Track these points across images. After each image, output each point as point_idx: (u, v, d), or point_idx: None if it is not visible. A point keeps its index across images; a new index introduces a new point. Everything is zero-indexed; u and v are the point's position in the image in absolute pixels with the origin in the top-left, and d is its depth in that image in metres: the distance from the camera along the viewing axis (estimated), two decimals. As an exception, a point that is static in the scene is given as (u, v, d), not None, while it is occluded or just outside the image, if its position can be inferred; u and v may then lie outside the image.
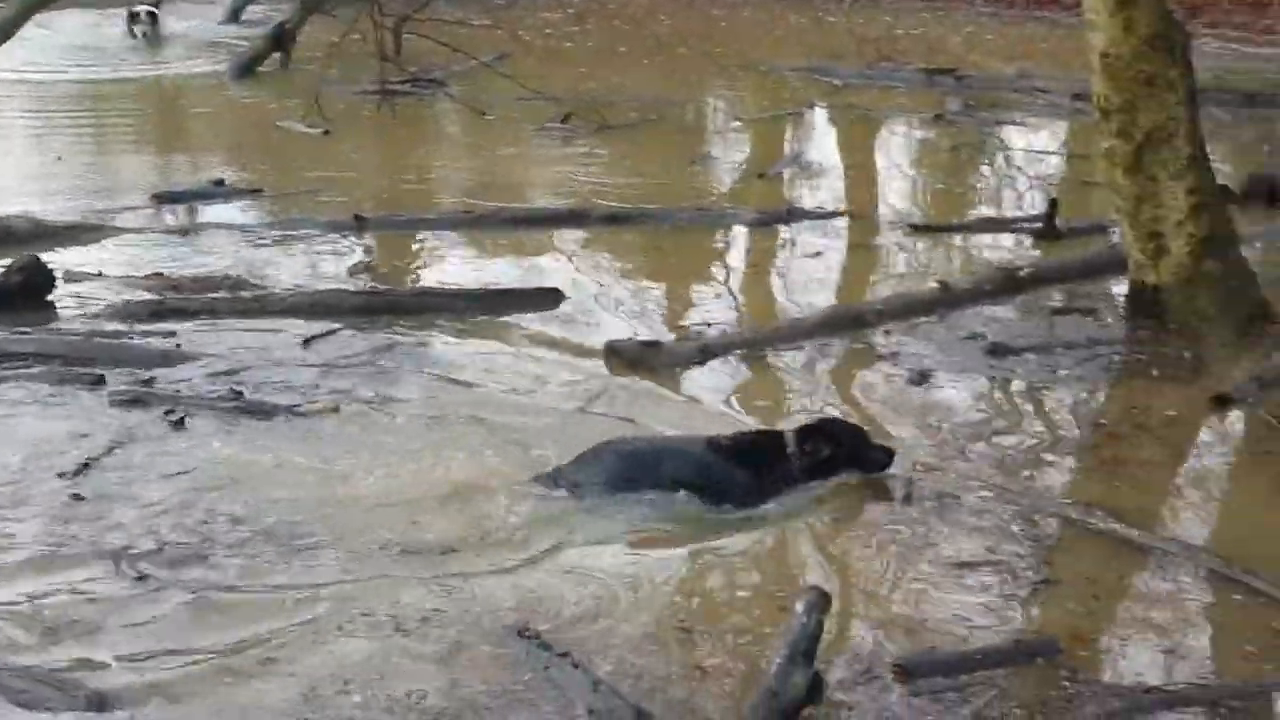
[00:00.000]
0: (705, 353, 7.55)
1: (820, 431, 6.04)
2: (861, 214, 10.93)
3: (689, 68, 16.65)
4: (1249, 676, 4.62)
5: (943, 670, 4.55)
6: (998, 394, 7.13)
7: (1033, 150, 12.97)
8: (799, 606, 4.34)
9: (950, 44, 17.28)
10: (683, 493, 5.78)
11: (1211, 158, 8.23)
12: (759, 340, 7.83)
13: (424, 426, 6.57)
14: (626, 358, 7.41)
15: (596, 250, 9.88)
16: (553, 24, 19.29)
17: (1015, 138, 13.40)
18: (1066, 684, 4.53)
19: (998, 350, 7.54)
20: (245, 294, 8.48)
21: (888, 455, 6.06)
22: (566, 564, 5.37)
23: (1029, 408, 6.99)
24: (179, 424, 6.49)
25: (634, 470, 5.86)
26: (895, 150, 13.47)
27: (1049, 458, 6.21)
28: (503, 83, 14.57)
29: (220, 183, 11.10)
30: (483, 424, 6.58)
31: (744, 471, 5.87)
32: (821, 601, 4.35)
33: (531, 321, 8.20)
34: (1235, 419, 6.83)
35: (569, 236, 10.14)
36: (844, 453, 5.98)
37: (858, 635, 4.86)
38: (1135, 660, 4.75)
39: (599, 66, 16.69)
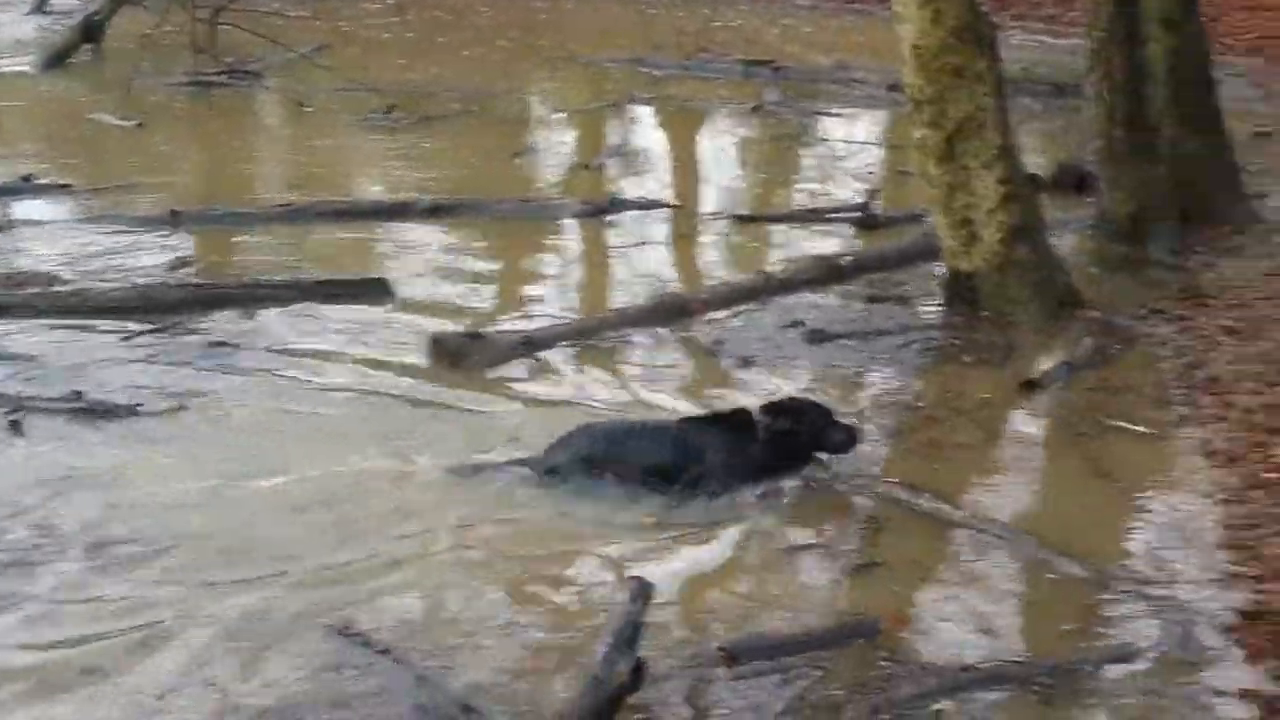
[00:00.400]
0: (529, 344, 7.53)
1: (783, 408, 6.03)
2: (685, 204, 11.02)
3: (511, 59, 16.59)
4: (1062, 654, 4.74)
5: (766, 653, 4.61)
6: (817, 380, 7.22)
7: (851, 141, 13.19)
8: (622, 594, 4.35)
9: (768, 36, 17.49)
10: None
11: (1022, 147, 8.48)
12: (583, 331, 7.84)
13: (259, 424, 6.51)
14: (450, 349, 7.37)
15: (421, 242, 9.79)
16: (372, 15, 19.03)
17: (834, 128, 13.62)
18: (886, 664, 4.62)
19: (817, 337, 7.67)
20: (64, 290, 8.23)
21: (850, 436, 6.04)
22: (394, 562, 5.32)
23: (848, 393, 7.10)
24: (15, 426, 6.33)
25: (606, 453, 5.89)
26: (717, 141, 13.58)
27: (868, 441, 6.29)
28: (322, 74, 14.36)
29: (28, 178, 10.73)
30: (315, 418, 6.56)
31: (717, 453, 5.87)
32: (644, 589, 4.38)
33: (359, 313, 8.12)
34: (1047, 402, 7.02)
35: (393, 229, 10.03)
36: (807, 431, 5.95)
37: (683, 621, 4.89)
38: (954, 640, 4.85)
39: (420, 58, 16.53)
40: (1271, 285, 8.22)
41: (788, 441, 5.95)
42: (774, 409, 6.04)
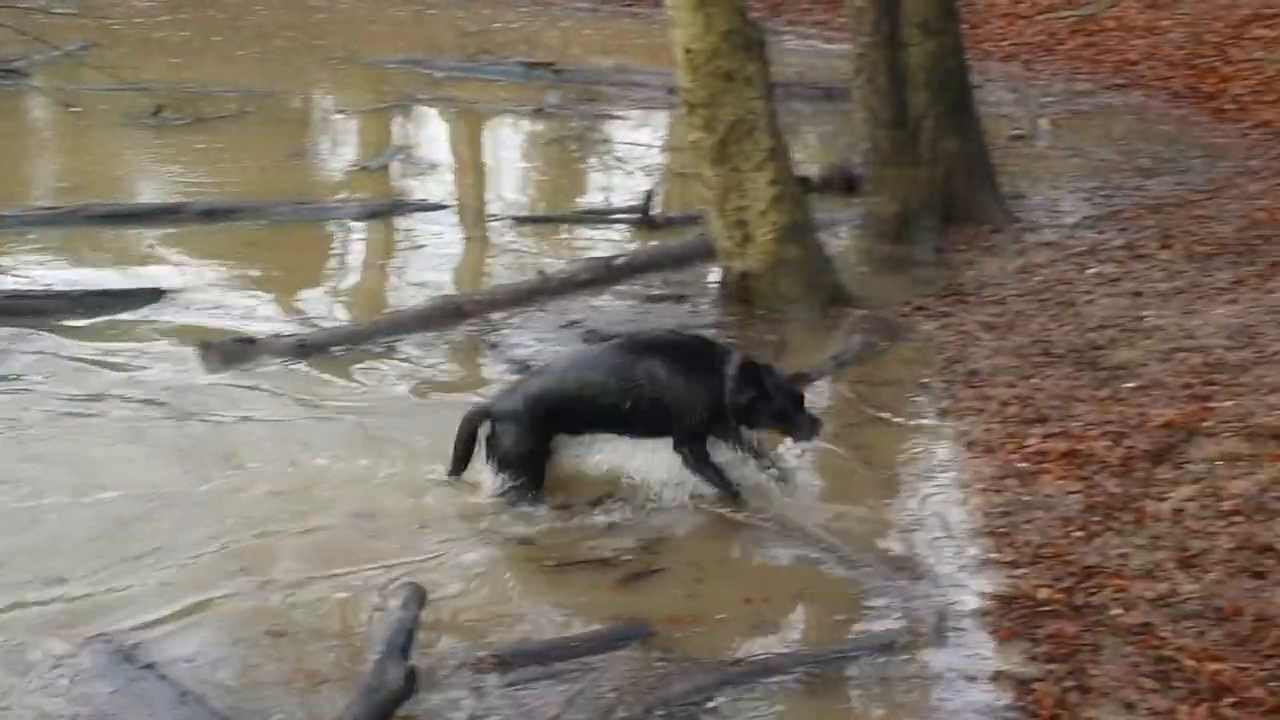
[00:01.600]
0: (304, 348, 7.42)
1: (753, 374, 5.80)
2: (466, 206, 11.00)
3: (288, 59, 16.32)
4: (830, 643, 4.88)
5: (537, 659, 4.63)
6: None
7: (631, 143, 13.33)
8: (394, 601, 4.33)
9: (548, 38, 17.58)
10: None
11: (793, 149, 8.69)
12: (359, 334, 7.76)
13: (32, 438, 6.32)
14: (221, 355, 7.22)
15: (195, 247, 9.55)
16: (142, 13, 18.51)
17: (614, 130, 13.75)
18: (659, 664, 4.67)
19: (594, 337, 7.72)
20: None
21: (814, 428, 5.88)
22: (159, 572, 5.20)
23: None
24: None
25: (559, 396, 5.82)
26: (499, 143, 13.61)
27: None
28: (91, 73, 13.87)
29: None
30: (89, 431, 6.42)
31: (693, 384, 5.77)
32: (417, 596, 4.36)
33: (131, 321, 7.93)
34: (817, 396, 7.20)
35: (166, 233, 9.77)
36: (770, 406, 5.78)
37: (458, 627, 4.88)
38: (731, 636, 4.93)
39: (194, 57, 16.15)
40: (1026, 282, 8.58)
41: (750, 409, 5.78)
42: (744, 366, 5.81)
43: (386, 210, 10.64)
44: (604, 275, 8.89)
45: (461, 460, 5.89)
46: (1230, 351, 6.61)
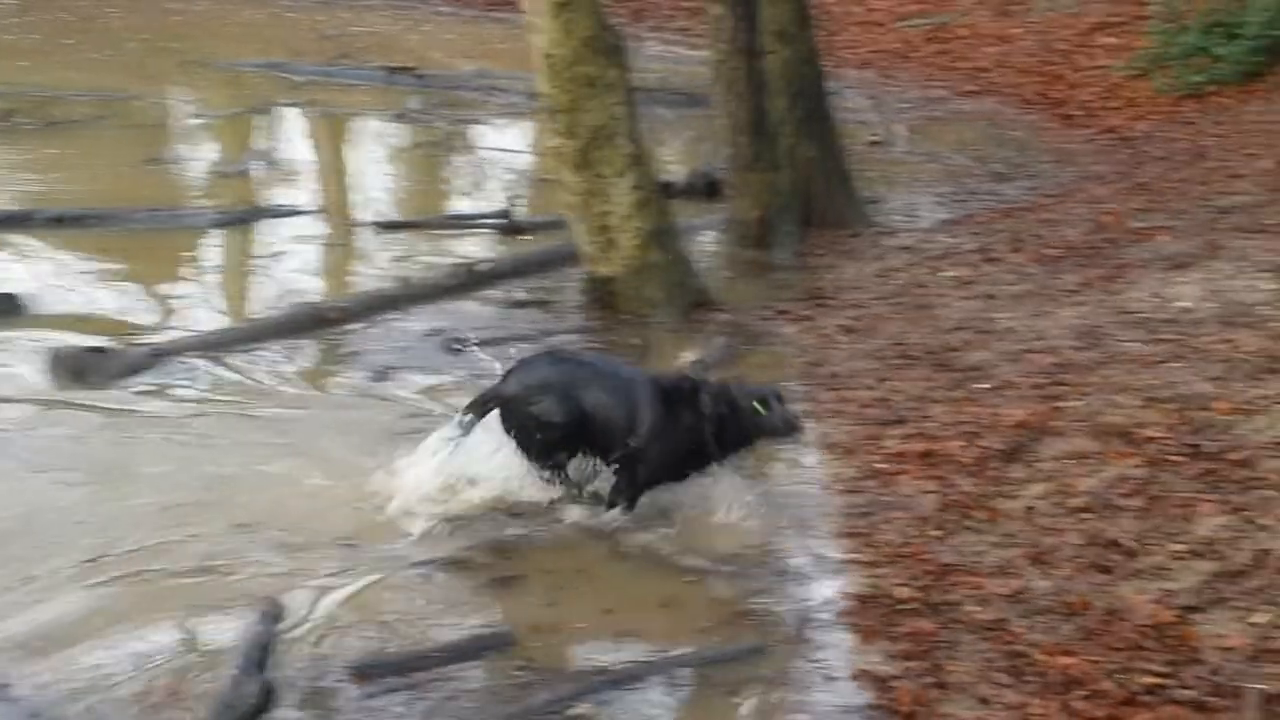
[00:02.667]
0: (158, 357, 7.28)
1: (721, 391, 5.72)
2: (327, 212, 10.88)
3: (143, 63, 15.94)
4: (694, 649, 4.88)
5: (397, 670, 4.60)
6: (456, 386, 7.21)
7: (495, 148, 13.29)
8: (252, 616, 4.27)
9: (409, 42, 17.42)
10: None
11: (657, 155, 8.74)
12: (216, 343, 7.63)
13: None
14: (72, 365, 7.04)
15: (47, 254, 9.32)
16: (-11, 14, 17.97)
17: (477, 136, 13.70)
18: (520, 673, 4.67)
19: (455, 343, 7.70)
20: None
21: (791, 424, 5.71)
22: (12, 592, 5.07)
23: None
24: None
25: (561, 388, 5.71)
26: (360, 148, 13.46)
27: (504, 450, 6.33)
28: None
29: None
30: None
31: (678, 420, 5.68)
32: (275, 610, 4.30)
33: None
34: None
35: (15, 240, 9.49)
36: (737, 421, 5.66)
37: (317, 640, 4.82)
38: (593, 645, 4.95)
39: (44, 60, 15.71)
40: (883, 286, 8.73)
41: (726, 425, 5.67)
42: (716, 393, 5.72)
43: (245, 216, 10.47)
44: (467, 281, 8.86)
45: None
46: (1077, 352, 6.79)
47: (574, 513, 5.77)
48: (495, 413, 5.83)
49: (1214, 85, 12.92)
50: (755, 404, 5.63)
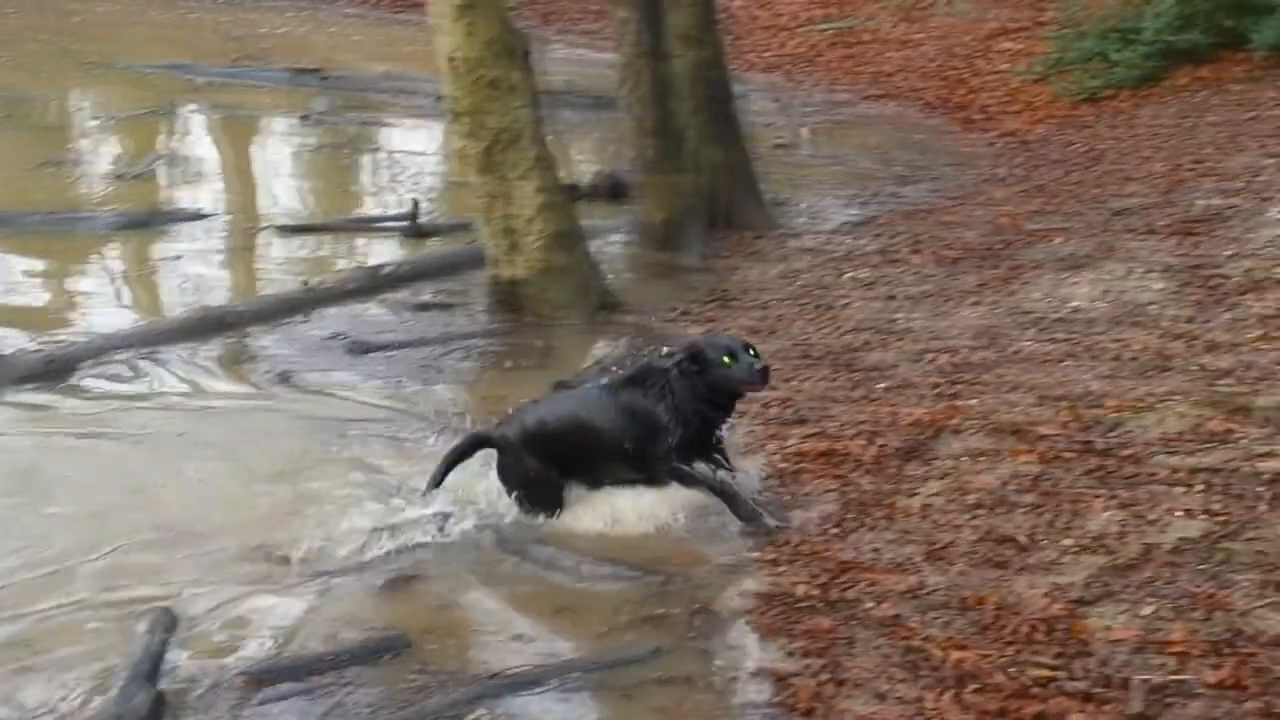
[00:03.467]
0: (52, 363, 7.17)
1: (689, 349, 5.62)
2: (230, 214, 10.76)
3: (42, 64, 15.69)
4: (594, 653, 4.88)
5: (290, 675, 4.55)
6: (359, 390, 7.20)
7: (401, 150, 13.23)
8: (141, 625, 4.21)
9: (315, 43, 17.30)
10: None
11: (564, 157, 8.74)
12: (112, 347, 7.52)
13: None
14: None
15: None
16: (-121, 12, 17.58)
17: (384, 138, 13.64)
18: (416, 677, 4.64)
19: (359, 347, 7.66)
20: None
21: (759, 371, 5.58)
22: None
23: (388, 402, 7.10)
24: None
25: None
26: (264, 150, 13.35)
27: (408, 451, 6.31)
28: None
29: None
30: None
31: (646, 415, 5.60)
32: (165, 619, 4.24)
33: None
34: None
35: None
36: (707, 377, 5.54)
37: (210, 647, 4.77)
38: (490, 648, 4.92)
39: (-63, 60, 15.42)
40: (787, 287, 8.80)
41: (699, 383, 5.57)
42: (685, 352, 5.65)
43: (145, 219, 10.35)
44: (372, 284, 8.82)
45: None
46: (974, 352, 6.89)
47: (470, 519, 5.76)
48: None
49: (1110, 90, 13.18)
50: (723, 357, 5.60)
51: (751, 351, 5.66)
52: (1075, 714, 4.18)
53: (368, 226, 10.57)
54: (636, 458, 5.72)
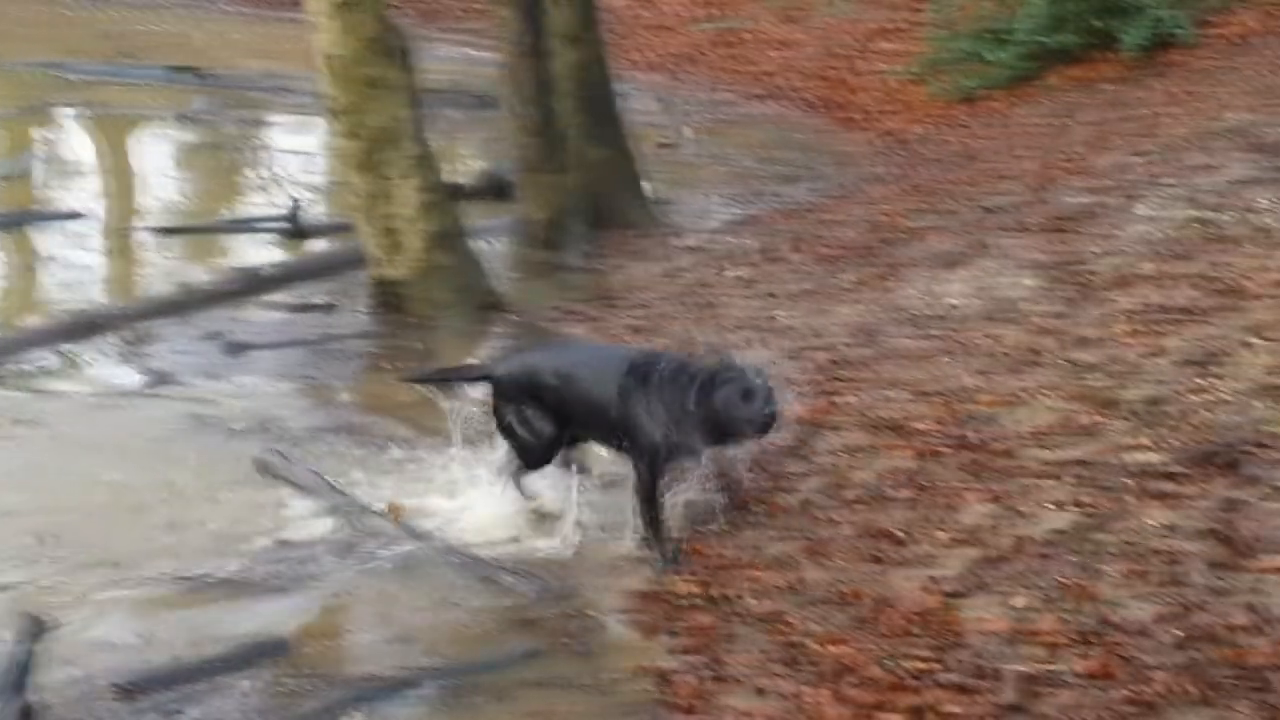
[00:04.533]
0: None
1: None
2: (106, 215, 10.55)
3: (-95, 60, 15.25)
4: (473, 655, 4.88)
5: (163, 683, 4.49)
6: (237, 391, 7.10)
7: (282, 149, 13.05)
8: (8, 634, 4.12)
9: (194, 41, 16.97)
10: None
11: (447, 156, 8.69)
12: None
13: None
14: None
15: None
16: None
17: (265, 137, 13.46)
18: (292, 681, 4.60)
19: (237, 349, 7.56)
20: None
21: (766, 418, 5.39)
22: None
23: (269, 403, 7.01)
24: None
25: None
26: (141, 149, 13.08)
27: (285, 452, 6.23)
28: None
29: None
30: None
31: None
32: (33, 628, 4.15)
33: None
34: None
35: None
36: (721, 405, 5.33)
37: (77, 657, 4.68)
38: (370, 652, 4.88)
39: None
40: (670, 286, 8.83)
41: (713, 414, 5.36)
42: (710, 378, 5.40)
43: (15, 220, 10.10)
44: (251, 286, 8.70)
45: None
46: (852, 349, 6.97)
47: (351, 522, 5.70)
48: None
49: (985, 90, 13.38)
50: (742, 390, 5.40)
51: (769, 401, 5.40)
52: (949, 705, 4.25)
53: (247, 227, 10.40)
54: (620, 437, 5.59)
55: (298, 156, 12.85)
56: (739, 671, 4.67)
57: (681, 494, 5.70)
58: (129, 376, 7.27)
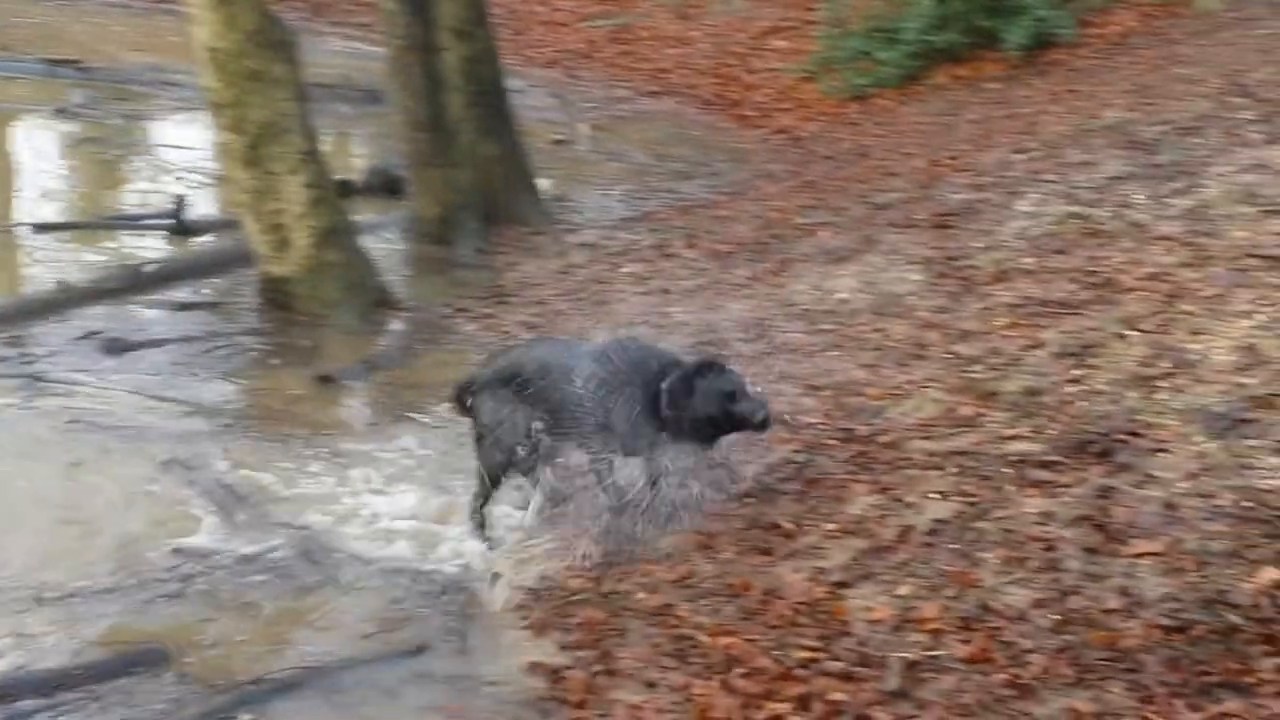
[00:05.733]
0: None
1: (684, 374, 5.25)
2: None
3: None
4: (356, 655, 4.84)
5: (37, 690, 4.41)
6: (116, 391, 6.95)
7: (167, 144, 12.81)
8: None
9: (74, 34, 16.57)
10: None
11: (339, 151, 8.59)
12: None
13: None
14: None
15: None
16: None
17: (148, 132, 13.19)
18: (174, 688, 4.54)
19: (118, 347, 7.41)
20: None
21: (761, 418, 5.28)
22: None
23: (151, 403, 6.88)
24: None
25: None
26: (19, 145, 12.75)
27: (163, 452, 6.13)
28: None
29: None
30: None
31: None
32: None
33: None
34: (353, 399, 7.17)
35: None
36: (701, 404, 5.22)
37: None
38: (256, 656, 4.81)
39: None
40: (564, 282, 8.83)
41: (684, 413, 5.30)
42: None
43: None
44: (133, 283, 8.54)
45: None
46: (745, 344, 7.01)
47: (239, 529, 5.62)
48: None
49: (876, 88, 13.54)
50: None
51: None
52: (836, 693, 4.30)
53: (131, 224, 10.20)
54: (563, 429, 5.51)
55: (182, 151, 12.60)
56: (629, 665, 4.69)
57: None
58: (2, 378, 7.06)
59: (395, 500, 5.84)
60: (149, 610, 5.06)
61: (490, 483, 5.62)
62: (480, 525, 5.62)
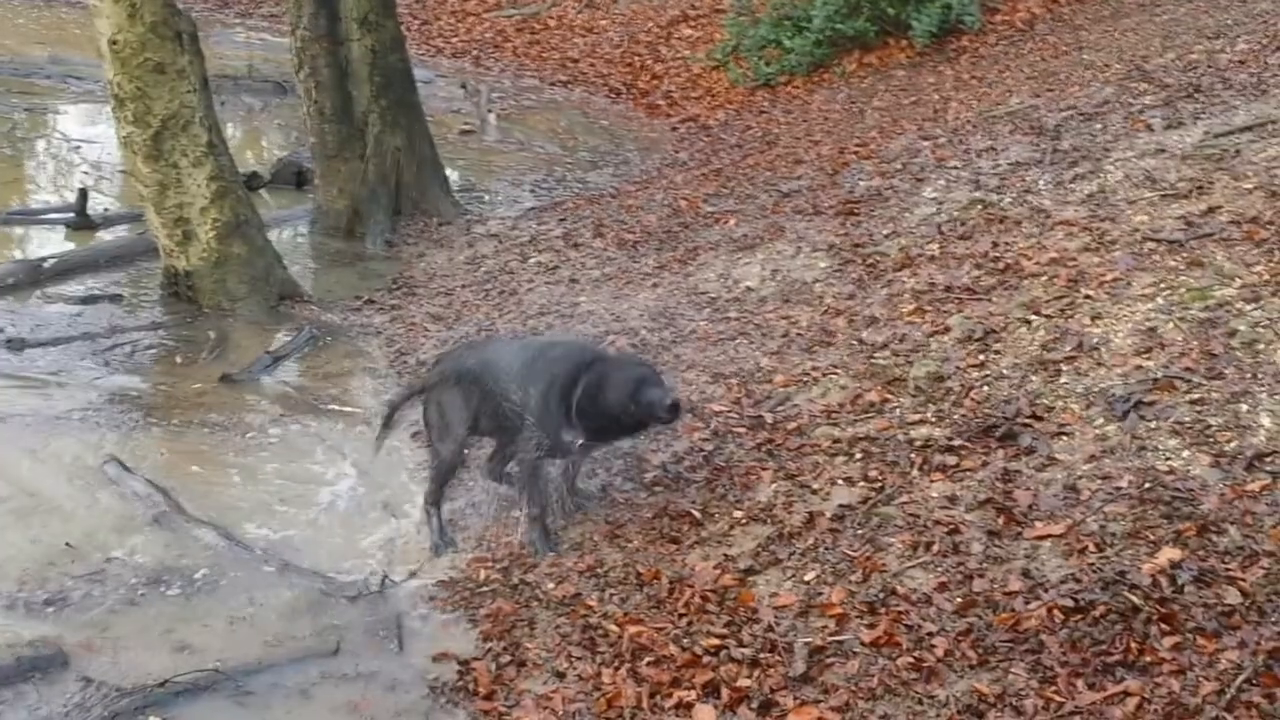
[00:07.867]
0: None
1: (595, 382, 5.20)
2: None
3: None
4: (266, 655, 4.78)
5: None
6: (14, 389, 6.82)
7: (70, 138, 12.57)
8: None
9: (-27, 26, 16.30)
10: None
11: (246, 143, 8.47)
12: None
13: None
14: None
15: None
16: None
17: (51, 125, 12.94)
18: (76, 692, 4.45)
19: (16, 344, 7.26)
20: None
21: (670, 407, 5.12)
22: None
23: (52, 400, 6.76)
24: None
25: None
26: (-85, 139, 12.47)
27: (68, 454, 6.02)
28: None
29: None
30: None
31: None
32: None
33: None
34: (258, 392, 7.08)
35: None
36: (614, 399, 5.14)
37: None
38: (161, 659, 4.72)
39: None
40: (472, 273, 8.79)
41: (595, 407, 5.20)
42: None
43: None
44: (33, 278, 8.38)
45: None
46: (653, 332, 7.03)
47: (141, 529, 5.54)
48: None
49: (784, 76, 13.63)
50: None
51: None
52: (742, 679, 4.32)
53: (31, 218, 10.00)
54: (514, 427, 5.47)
55: (86, 145, 12.39)
56: (538, 655, 4.68)
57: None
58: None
59: (306, 498, 5.78)
60: (48, 614, 4.96)
61: (443, 479, 5.62)
62: (438, 525, 5.59)
